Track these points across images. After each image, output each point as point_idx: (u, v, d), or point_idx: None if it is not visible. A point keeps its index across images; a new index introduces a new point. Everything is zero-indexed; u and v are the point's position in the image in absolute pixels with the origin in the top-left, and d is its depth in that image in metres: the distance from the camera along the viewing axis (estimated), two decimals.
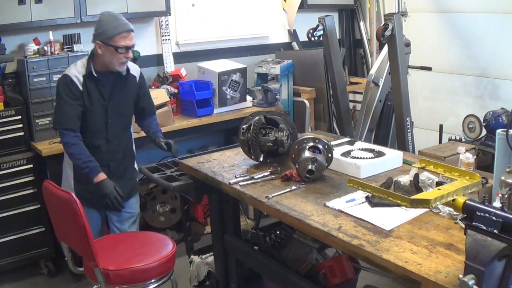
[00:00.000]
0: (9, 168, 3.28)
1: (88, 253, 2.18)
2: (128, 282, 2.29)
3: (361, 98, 4.57)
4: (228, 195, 2.52)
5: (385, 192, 1.63)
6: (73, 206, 2.13)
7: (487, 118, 3.55)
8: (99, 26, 2.76)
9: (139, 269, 2.28)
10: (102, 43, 2.72)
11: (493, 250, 1.32)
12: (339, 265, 2.62)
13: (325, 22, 3.88)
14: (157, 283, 2.37)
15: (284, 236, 2.83)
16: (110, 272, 2.25)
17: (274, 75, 4.45)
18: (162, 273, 2.37)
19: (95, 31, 2.77)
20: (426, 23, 4.66)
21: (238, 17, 4.66)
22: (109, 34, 2.71)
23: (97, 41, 2.74)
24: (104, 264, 2.26)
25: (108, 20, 2.75)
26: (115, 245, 2.48)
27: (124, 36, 2.75)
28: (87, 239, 2.12)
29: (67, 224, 2.29)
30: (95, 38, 2.76)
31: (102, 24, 2.75)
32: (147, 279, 2.32)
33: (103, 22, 2.75)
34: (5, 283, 3.41)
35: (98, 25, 2.77)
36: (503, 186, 1.78)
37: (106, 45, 2.72)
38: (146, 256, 2.36)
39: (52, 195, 2.30)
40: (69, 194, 2.18)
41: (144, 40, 4.11)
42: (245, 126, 2.63)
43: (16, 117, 3.32)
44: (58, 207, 2.32)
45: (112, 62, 2.77)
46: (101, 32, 2.74)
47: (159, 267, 2.33)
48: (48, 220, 3.44)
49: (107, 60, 2.76)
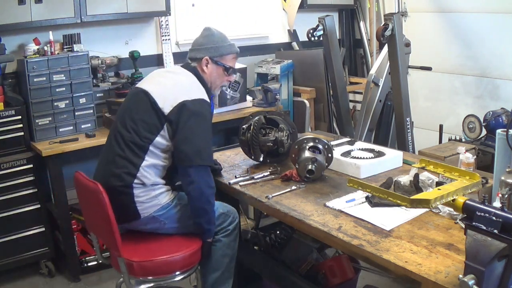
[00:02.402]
0: (9, 168, 3.27)
1: (112, 243, 2.18)
2: (152, 273, 2.27)
3: (361, 98, 4.57)
4: (228, 195, 2.52)
5: (385, 192, 1.63)
6: (99, 196, 2.12)
7: (487, 118, 3.55)
8: (210, 41, 2.48)
9: (163, 261, 2.25)
10: (210, 60, 2.46)
11: (493, 250, 1.32)
12: (339, 265, 2.62)
13: (325, 22, 3.88)
14: (181, 275, 2.32)
15: (284, 236, 2.83)
16: (134, 263, 2.23)
17: (274, 75, 4.45)
18: (186, 266, 2.32)
19: (201, 45, 2.48)
20: (426, 23, 4.66)
21: (238, 17, 4.66)
22: (223, 51, 2.48)
23: (205, 57, 2.46)
24: (129, 255, 2.24)
25: (221, 37, 2.52)
26: (142, 236, 2.42)
27: (235, 58, 2.56)
28: (111, 229, 2.12)
29: (94, 214, 2.28)
30: (202, 52, 2.47)
31: (214, 39, 2.49)
32: (171, 272, 2.29)
33: (215, 37, 2.50)
34: (5, 283, 3.41)
35: (208, 39, 2.49)
36: (503, 186, 1.78)
37: (214, 63, 2.47)
38: (171, 249, 2.31)
39: (82, 186, 2.28)
40: (95, 184, 2.16)
41: (144, 40, 4.11)
42: (245, 126, 2.63)
43: (16, 117, 3.31)
44: (87, 197, 2.31)
45: (216, 83, 2.52)
46: (213, 48, 2.47)
47: (183, 260, 2.28)
48: (48, 220, 3.47)
49: (211, 80, 2.49)
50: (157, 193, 2.31)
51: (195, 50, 2.50)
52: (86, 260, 3.50)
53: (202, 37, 2.52)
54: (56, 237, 3.54)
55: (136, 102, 2.38)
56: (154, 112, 2.30)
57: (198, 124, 2.28)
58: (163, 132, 2.30)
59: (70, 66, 3.44)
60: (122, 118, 2.38)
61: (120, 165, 2.28)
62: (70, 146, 3.30)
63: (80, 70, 3.49)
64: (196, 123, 2.27)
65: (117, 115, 2.48)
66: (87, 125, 3.56)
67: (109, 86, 3.76)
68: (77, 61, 3.47)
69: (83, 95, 3.53)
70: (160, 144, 2.31)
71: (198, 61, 2.47)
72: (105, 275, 3.46)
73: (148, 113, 2.31)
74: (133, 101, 2.41)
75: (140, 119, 2.32)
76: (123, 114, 2.40)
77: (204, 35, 2.52)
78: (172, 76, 2.48)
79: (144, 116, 2.31)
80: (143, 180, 2.28)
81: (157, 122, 2.30)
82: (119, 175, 2.27)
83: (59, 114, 3.45)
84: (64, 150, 3.27)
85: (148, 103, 2.32)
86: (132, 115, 2.35)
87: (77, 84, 3.48)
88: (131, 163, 2.28)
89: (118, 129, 2.36)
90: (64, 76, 3.43)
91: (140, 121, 2.31)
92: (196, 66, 2.48)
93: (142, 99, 2.35)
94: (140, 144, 2.30)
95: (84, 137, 3.44)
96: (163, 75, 2.54)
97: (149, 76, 2.58)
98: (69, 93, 3.46)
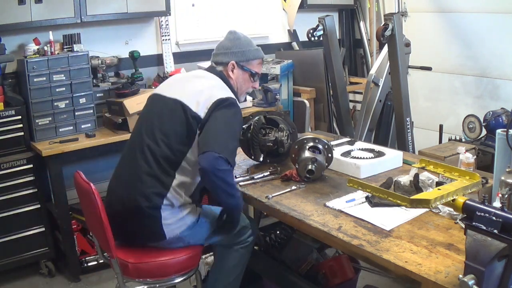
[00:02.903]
0: (9, 168, 3.27)
1: (105, 244, 2.17)
2: (147, 275, 2.26)
3: (361, 98, 4.57)
4: None
5: (385, 192, 1.63)
6: (91, 197, 2.10)
7: (487, 118, 3.55)
8: (236, 45, 2.39)
9: (158, 263, 2.24)
10: (237, 65, 2.38)
11: (493, 250, 1.32)
12: (339, 265, 2.62)
13: (325, 22, 3.88)
14: (180, 278, 2.31)
15: (284, 236, 2.83)
16: (129, 264, 2.22)
17: (274, 75, 4.44)
18: (182, 270, 2.30)
19: (228, 49, 2.39)
20: (426, 23, 4.66)
21: (238, 17, 4.66)
22: (250, 56, 2.39)
23: (232, 61, 2.38)
24: (125, 256, 2.23)
25: (247, 41, 2.43)
26: None
27: (261, 63, 2.47)
28: (104, 229, 2.11)
29: (90, 214, 2.27)
30: (229, 56, 2.38)
31: (240, 43, 2.39)
32: (167, 275, 2.28)
33: (241, 41, 2.40)
34: (5, 283, 3.41)
35: (234, 43, 2.40)
36: (503, 186, 1.78)
37: (240, 68, 2.38)
38: (168, 252, 2.28)
39: (79, 185, 2.27)
40: (88, 184, 2.13)
41: (144, 40, 4.11)
42: (245, 126, 2.63)
43: (16, 117, 3.31)
44: (83, 198, 2.30)
45: (242, 89, 2.43)
46: (239, 52, 2.38)
47: (179, 264, 2.27)
48: (48, 220, 3.47)
49: (237, 85, 2.41)
50: (184, 214, 2.23)
51: (221, 54, 2.39)
52: (86, 260, 3.50)
53: (228, 40, 2.42)
54: (56, 237, 3.54)
55: (167, 112, 2.23)
56: (188, 120, 2.16)
57: (228, 120, 2.16)
58: (197, 142, 2.16)
59: (70, 66, 3.44)
60: (150, 129, 2.23)
61: (149, 184, 2.16)
62: (70, 146, 3.30)
63: (80, 70, 3.49)
64: (226, 118, 2.15)
65: (141, 124, 2.32)
66: (87, 125, 3.56)
67: (109, 86, 3.76)
68: (77, 61, 3.47)
69: (83, 95, 3.53)
70: (193, 158, 2.18)
71: (224, 65, 2.38)
72: (105, 275, 3.46)
73: (181, 122, 2.17)
74: (162, 111, 2.26)
75: (172, 131, 2.18)
76: (150, 124, 2.25)
77: (230, 39, 2.42)
78: (199, 80, 2.36)
79: (176, 127, 2.18)
80: (172, 201, 2.18)
81: (191, 131, 2.16)
82: (147, 195, 2.15)
83: (59, 114, 3.45)
84: (64, 150, 3.27)
85: (181, 112, 2.18)
86: (162, 126, 2.21)
87: (77, 84, 3.48)
88: (160, 183, 2.16)
89: (145, 142, 2.21)
90: (64, 76, 3.43)
91: (172, 132, 2.18)
92: (222, 70, 2.38)
93: (172, 108, 2.21)
94: (172, 159, 2.17)
95: (84, 137, 3.44)
96: (190, 80, 2.40)
97: (172, 82, 2.46)
98: (69, 93, 3.46)
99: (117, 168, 2.35)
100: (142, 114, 2.42)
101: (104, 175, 2.35)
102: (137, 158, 2.21)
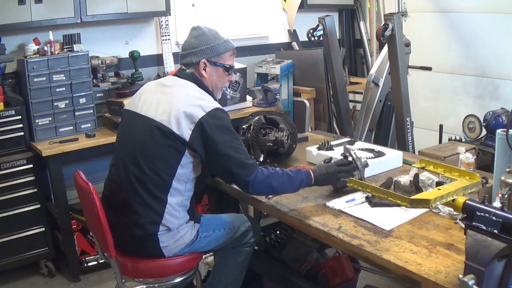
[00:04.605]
0: (9, 168, 3.27)
1: (104, 244, 2.17)
2: (146, 275, 2.26)
3: (361, 98, 4.57)
4: (228, 195, 2.52)
5: (385, 192, 1.63)
6: (90, 197, 2.10)
7: (487, 118, 3.55)
8: (203, 41, 2.20)
9: (157, 264, 2.23)
10: (208, 62, 2.21)
11: (493, 250, 1.32)
12: (339, 265, 2.62)
13: (325, 22, 3.88)
14: (180, 278, 2.30)
15: (284, 236, 2.83)
16: (129, 264, 2.23)
17: (274, 75, 4.45)
18: (182, 271, 2.30)
19: (196, 48, 2.20)
20: (426, 23, 4.66)
21: (238, 17, 4.66)
22: (220, 50, 2.22)
23: (202, 60, 2.20)
24: (124, 255, 2.23)
25: (214, 34, 2.24)
26: None
27: (233, 55, 2.30)
28: (102, 229, 2.11)
29: (89, 214, 2.28)
30: (198, 55, 2.20)
31: (207, 38, 2.21)
32: (166, 275, 2.28)
33: (207, 36, 2.21)
34: (5, 283, 3.41)
35: (200, 39, 2.21)
36: (503, 186, 1.78)
37: (212, 64, 2.22)
38: None
39: (78, 185, 2.27)
40: (87, 184, 2.13)
41: (144, 40, 4.11)
42: (245, 126, 2.63)
43: (16, 117, 3.31)
44: (83, 197, 2.30)
45: (217, 86, 2.28)
46: (208, 48, 2.20)
47: (178, 265, 2.27)
48: (48, 220, 3.47)
49: (212, 84, 2.26)
50: (182, 234, 2.18)
51: (189, 55, 2.22)
52: (86, 260, 3.50)
53: (193, 38, 2.23)
54: (56, 237, 3.54)
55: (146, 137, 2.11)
56: (171, 144, 2.06)
57: (226, 137, 2.06)
58: (185, 160, 2.08)
59: (70, 66, 3.44)
60: (132, 155, 2.13)
61: (142, 214, 2.10)
62: (70, 146, 3.30)
63: (80, 70, 3.49)
64: (223, 137, 2.05)
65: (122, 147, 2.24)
66: (87, 125, 3.56)
67: (109, 86, 3.76)
68: (77, 61, 3.47)
69: (83, 95, 3.52)
70: (182, 176, 2.11)
71: (194, 66, 2.21)
72: (105, 275, 3.46)
73: (163, 145, 2.07)
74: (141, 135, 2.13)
75: (156, 155, 2.08)
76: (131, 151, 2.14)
77: (195, 36, 2.22)
78: (171, 91, 2.18)
79: (158, 152, 2.08)
80: (168, 225, 2.12)
81: (177, 153, 2.07)
82: (142, 225, 2.11)
83: (59, 114, 3.45)
84: (64, 150, 3.27)
85: (160, 136, 2.07)
86: (144, 150, 2.10)
87: (77, 84, 3.48)
88: (153, 211, 2.10)
89: (129, 170, 2.12)
90: (64, 76, 3.43)
91: (156, 157, 2.08)
92: (194, 71, 2.22)
93: (152, 134, 2.09)
94: (160, 183, 2.09)
95: (84, 137, 3.44)
96: (162, 91, 2.21)
97: (144, 96, 2.25)
98: (69, 93, 3.46)
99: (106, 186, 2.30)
100: (119, 132, 2.32)
101: (104, 175, 2.34)
102: (125, 185, 2.14)
